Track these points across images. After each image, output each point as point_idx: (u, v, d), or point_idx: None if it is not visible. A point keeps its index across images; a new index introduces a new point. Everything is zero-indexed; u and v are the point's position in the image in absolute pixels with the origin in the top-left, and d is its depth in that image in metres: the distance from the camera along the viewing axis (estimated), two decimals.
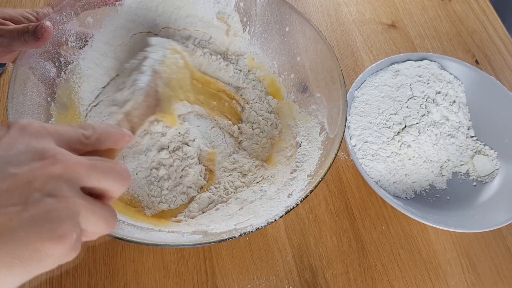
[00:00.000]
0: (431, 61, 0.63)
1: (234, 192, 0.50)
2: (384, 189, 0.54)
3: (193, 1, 0.56)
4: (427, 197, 0.57)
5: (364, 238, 0.54)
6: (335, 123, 0.47)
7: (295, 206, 0.40)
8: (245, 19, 0.57)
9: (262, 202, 0.46)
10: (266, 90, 0.59)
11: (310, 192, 0.41)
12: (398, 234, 0.55)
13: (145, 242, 0.37)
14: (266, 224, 0.39)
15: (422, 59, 0.63)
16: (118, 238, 0.36)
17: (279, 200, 0.44)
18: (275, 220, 0.39)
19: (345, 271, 0.52)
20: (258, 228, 0.39)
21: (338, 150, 0.44)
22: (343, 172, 0.59)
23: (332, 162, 0.43)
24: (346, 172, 0.59)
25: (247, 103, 0.58)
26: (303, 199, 0.40)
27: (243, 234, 0.38)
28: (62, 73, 0.50)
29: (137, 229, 0.42)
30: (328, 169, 0.42)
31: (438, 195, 0.57)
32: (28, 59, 0.45)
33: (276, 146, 0.54)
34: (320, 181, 0.41)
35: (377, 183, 0.54)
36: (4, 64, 0.60)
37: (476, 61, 0.71)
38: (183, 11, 0.56)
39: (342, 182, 0.58)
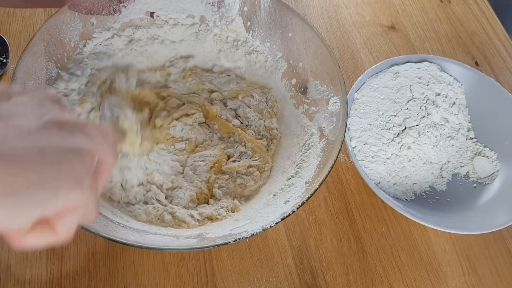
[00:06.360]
0: (431, 62, 0.63)
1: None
2: (384, 191, 0.54)
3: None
4: (427, 198, 0.57)
5: (364, 240, 0.54)
6: (335, 128, 0.47)
7: (291, 213, 0.40)
8: (248, 23, 0.57)
9: (259, 207, 0.46)
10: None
11: (307, 199, 0.41)
12: (398, 236, 0.55)
13: (139, 244, 0.37)
14: (261, 230, 0.39)
15: (422, 61, 0.63)
16: (111, 239, 0.36)
17: (275, 206, 0.44)
18: (270, 226, 0.39)
19: (345, 273, 0.52)
20: (253, 234, 0.39)
21: (336, 157, 0.43)
22: (343, 173, 0.59)
23: (330, 169, 0.43)
24: (346, 173, 0.59)
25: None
26: (299, 206, 0.40)
27: (238, 240, 0.38)
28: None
29: (133, 231, 0.42)
30: (326, 177, 0.42)
31: (438, 197, 0.57)
32: (29, 59, 0.45)
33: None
34: (317, 189, 0.41)
35: (377, 184, 0.54)
36: (5, 65, 0.60)
37: (476, 63, 0.71)
38: None
39: (342, 184, 0.58)
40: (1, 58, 0.61)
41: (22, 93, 0.28)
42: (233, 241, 0.38)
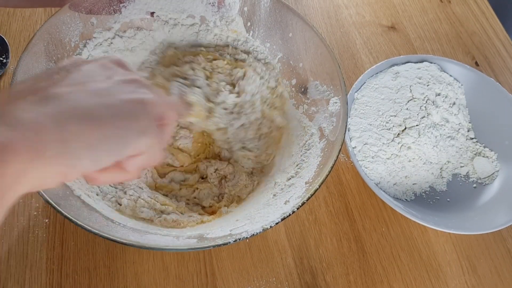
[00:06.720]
0: (431, 63, 0.63)
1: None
2: (384, 191, 0.54)
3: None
4: (427, 199, 0.57)
5: (364, 240, 0.54)
6: (335, 128, 0.47)
7: (291, 213, 0.40)
8: (248, 23, 0.57)
9: (259, 207, 0.46)
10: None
11: (307, 199, 0.41)
12: (398, 236, 0.55)
13: (139, 244, 0.37)
14: (261, 230, 0.39)
15: (422, 61, 0.63)
16: (111, 239, 0.36)
17: (275, 206, 0.44)
18: (271, 226, 0.39)
19: (345, 273, 0.52)
20: (254, 234, 0.38)
21: (336, 158, 0.43)
22: (343, 174, 0.59)
23: (330, 170, 0.43)
24: (346, 174, 0.59)
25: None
26: (300, 206, 0.40)
27: (238, 240, 0.38)
28: None
29: (133, 231, 0.42)
30: (326, 177, 0.42)
31: (438, 197, 0.57)
32: (30, 59, 0.45)
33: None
34: (317, 189, 0.41)
35: (377, 185, 0.54)
36: (5, 66, 0.60)
37: (476, 63, 0.71)
38: None
39: (342, 184, 0.58)
40: (1, 58, 0.61)
41: (88, 61, 0.32)
42: (233, 241, 0.38)
